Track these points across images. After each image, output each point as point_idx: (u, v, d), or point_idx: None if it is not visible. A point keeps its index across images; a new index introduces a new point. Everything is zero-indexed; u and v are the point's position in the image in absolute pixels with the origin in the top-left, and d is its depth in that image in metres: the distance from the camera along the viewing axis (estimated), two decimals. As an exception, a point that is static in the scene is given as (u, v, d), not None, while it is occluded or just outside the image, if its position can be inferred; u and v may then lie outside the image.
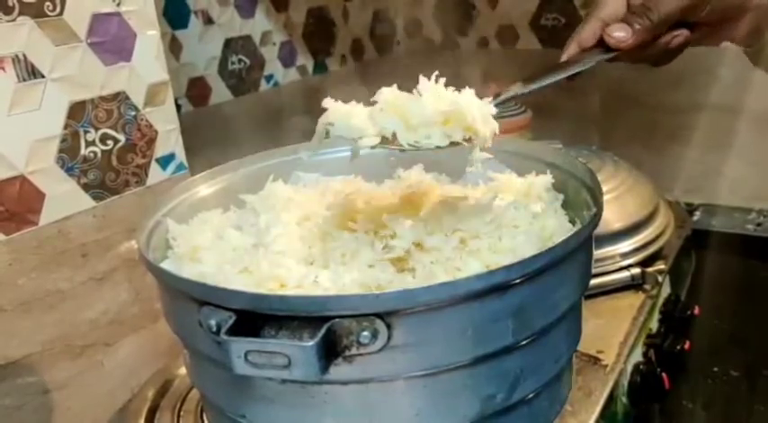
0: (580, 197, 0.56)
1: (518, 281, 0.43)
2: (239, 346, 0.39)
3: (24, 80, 0.60)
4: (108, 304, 0.70)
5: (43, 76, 0.62)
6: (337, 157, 0.69)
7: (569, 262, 0.46)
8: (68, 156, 0.64)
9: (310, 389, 0.43)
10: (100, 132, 0.67)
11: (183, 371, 0.71)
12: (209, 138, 0.92)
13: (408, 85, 0.50)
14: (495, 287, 0.42)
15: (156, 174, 0.73)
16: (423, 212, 0.51)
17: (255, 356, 0.39)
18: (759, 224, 1.13)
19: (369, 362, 0.41)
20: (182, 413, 0.68)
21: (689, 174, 1.17)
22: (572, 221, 0.54)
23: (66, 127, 0.64)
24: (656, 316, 0.83)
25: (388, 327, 0.40)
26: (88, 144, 0.66)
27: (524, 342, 0.45)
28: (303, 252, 0.50)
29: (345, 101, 0.50)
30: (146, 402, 0.70)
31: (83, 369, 0.68)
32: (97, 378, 0.70)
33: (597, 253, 0.79)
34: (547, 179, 0.58)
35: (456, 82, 0.52)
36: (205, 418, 0.64)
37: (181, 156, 0.76)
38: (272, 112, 1.07)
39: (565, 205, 0.56)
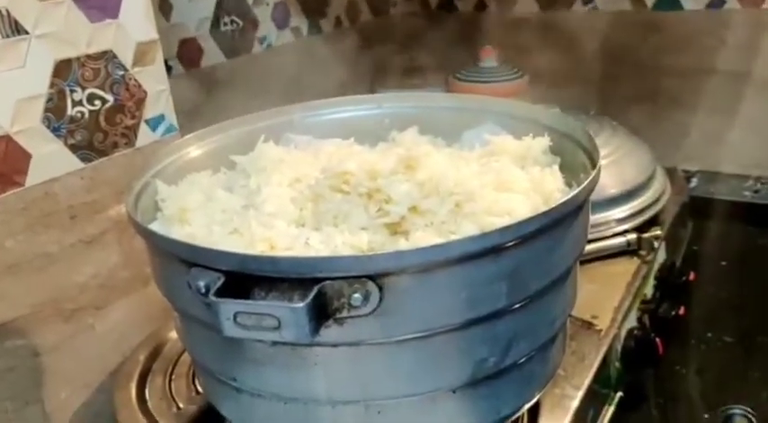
0: (577, 160, 0.55)
1: (512, 243, 0.42)
2: (228, 307, 0.39)
3: (8, 37, 0.59)
4: (98, 267, 0.69)
5: (27, 33, 0.60)
6: (330, 119, 0.68)
7: (565, 225, 0.45)
8: (55, 116, 0.63)
9: (301, 351, 0.42)
10: (87, 92, 0.65)
11: (174, 335, 0.71)
12: (200, 100, 0.90)
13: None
14: (488, 249, 0.41)
15: (145, 135, 0.71)
16: (419, 175, 0.50)
17: (245, 318, 0.39)
18: (756, 191, 1.13)
19: (360, 324, 0.41)
20: (173, 377, 0.68)
21: (688, 140, 1.16)
22: (569, 184, 0.53)
23: (51, 86, 0.62)
24: (652, 282, 0.83)
25: (380, 289, 0.40)
26: (75, 104, 0.64)
27: (518, 305, 0.45)
28: (294, 214, 0.49)
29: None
30: (137, 366, 0.69)
31: (74, 332, 0.68)
32: (88, 341, 0.69)
33: (593, 218, 0.78)
34: (544, 141, 0.57)
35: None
36: (197, 381, 0.64)
37: (171, 117, 0.74)
38: (266, 74, 1.05)
39: (562, 168, 0.55)
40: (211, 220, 0.49)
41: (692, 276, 0.87)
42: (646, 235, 0.83)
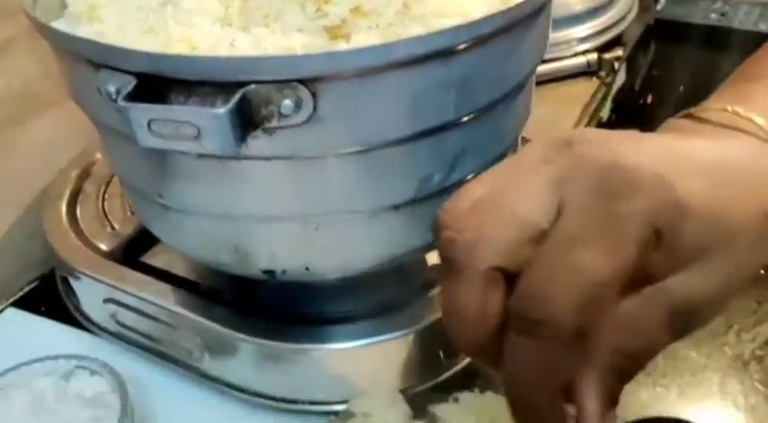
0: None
1: (464, 47, 0.37)
2: (140, 113, 0.34)
3: None
4: (11, 78, 0.62)
5: None
6: None
7: (522, 28, 0.41)
8: None
9: (227, 164, 0.39)
10: None
11: (104, 152, 0.66)
12: None
13: None
14: (437, 52, 0.37)
15: (52, -76, 0.61)
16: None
17: (160, 126, 0.35)
18: (723, 14, 1.08)
19: (292, 135, 0.37)
20: (106, 196, 0.64)
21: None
22: (530, -14, 0.48)
23: None
24: (609, 105, 0.80)
25: (314, 95, 0.35)
26: None
27: (467, 119, 0.41)
28: (219, 11, 0.43)
29: None
30: (68, 185, 0.65)
31: (-8, 149, 0.63)
32: (11, 159, 0.64)
33: (554, 36, 0.73)
34: (506, -62, 0.50)
35: None
36: (129, 200, 0.61)
37: None
38: None
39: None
40: (125, 17, 0.43)
41: (649, 100, 0.85)
42: (607, 55, 0.80)
